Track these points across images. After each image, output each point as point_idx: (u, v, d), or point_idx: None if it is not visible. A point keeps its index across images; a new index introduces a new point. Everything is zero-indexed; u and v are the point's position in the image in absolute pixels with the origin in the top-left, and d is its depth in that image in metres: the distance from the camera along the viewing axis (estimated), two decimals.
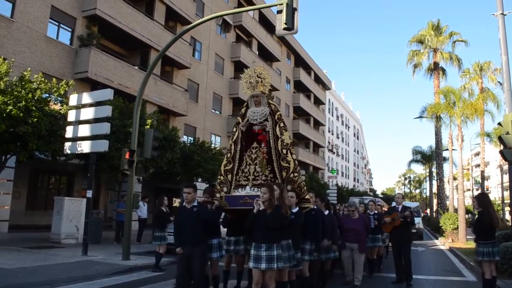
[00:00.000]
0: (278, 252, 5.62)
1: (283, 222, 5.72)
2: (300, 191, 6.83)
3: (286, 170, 6.97)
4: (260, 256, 5.61)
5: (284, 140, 7.12)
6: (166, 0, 25.11)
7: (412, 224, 9.43)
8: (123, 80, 21.41)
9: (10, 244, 12.90)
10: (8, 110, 10.98)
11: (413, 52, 33.70)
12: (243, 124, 7.45)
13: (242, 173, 7.23)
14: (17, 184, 17.94)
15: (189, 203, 6.25)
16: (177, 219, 6.53)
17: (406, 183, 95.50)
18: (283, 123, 7.30)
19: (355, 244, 8.02)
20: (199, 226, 6.11)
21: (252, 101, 7.56)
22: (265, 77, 7.52)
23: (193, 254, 6.05)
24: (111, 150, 13.28)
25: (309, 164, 48.12)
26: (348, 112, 73.85)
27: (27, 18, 17.94)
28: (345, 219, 8.53)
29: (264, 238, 5.66)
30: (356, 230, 8.05)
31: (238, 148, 7.41)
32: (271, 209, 5.71)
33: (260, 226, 5.70)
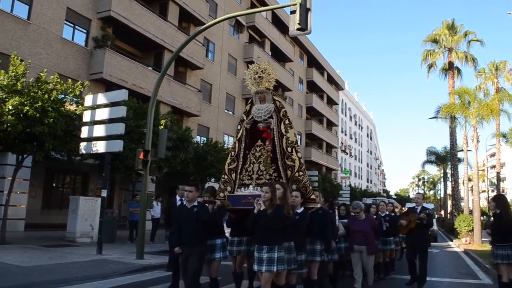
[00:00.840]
0: (280, 254, 5.44)
1: (285, 222, 5.52)
2: (306, 191, 6.59)
3: (291, 168, 6.74)
4: (261, 258, 5.46)
5: (289, 137, 6.88)
6: (180, 1, 25.27)
7: (429, 227, 8.83)
8: (137, 80, 21.60)
9: (26, 242, 13.10)
10: (25, 110, 11.15)
11: (427, 52, 33.38)
12: (247, 121, 7.24)
13: (246, 172, 7.03)
14: (33, 184, 18.21)
15: (190, 202, 6.15)
16: (176, 218, 6.42)
17: (420, 184, 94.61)
18: (288, 120, 7.09)
19: (363, 247, 7.65)
20: (198, 226, 5.99)
21: (256, 98, 7.32)
22: (270, 73, 7.30)
23: (191, 254, 5.95)
24: (126, 150, 13.40)
25: (322, 165, 47.98)
26: (362, 112, 73.46)
27: (43, 20, 18.21)
28: (351, 221, 8.14)
29: (265, 239, 5.51)
30: (363, 232, 7.69)
31: (242, 146, 7.19)
32: (272, 209, 5.53)
33: (261, 227, 5.54)
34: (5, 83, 11.49)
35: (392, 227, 9.57)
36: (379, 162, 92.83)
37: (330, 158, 51.44)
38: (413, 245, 8.79)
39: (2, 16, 16.68)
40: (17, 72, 11.70)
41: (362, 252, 7.67)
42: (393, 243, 10.04)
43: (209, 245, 6.31)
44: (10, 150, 12.48)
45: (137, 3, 22.11)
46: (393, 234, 9.91)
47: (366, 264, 7.70)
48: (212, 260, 6.43)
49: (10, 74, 11.64)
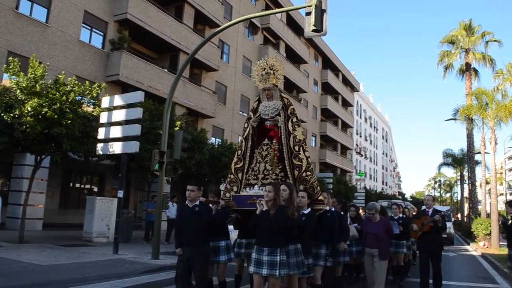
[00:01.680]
0: (282, 257, 5.14)
1: (288, 224, 5.24)
2: (313, 192, 6.33)
3: (298, 168, 6.47)
4: (261, 260, 5.17)
5: (296, 136, 6.59)
6: (195, 4, 25.43)
7: (443, 230, 8.38)
8: (153, 82, 21.79)
9: (44, 241, 13.30)
10: (44, 112, 11.34)
11: (444, 53, 33.02)
12: (254, 119, 6.98)
13: (252, 172, 6.77)
14: (51, 184, 18.49)
15: (192, 201, 5.91)
16: (178, 219, 6.22)
17: (436, 186, 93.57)
18: (296, 118, 6.77)
19: (375, 250, 7.23)
20: (200, 227, 5.74)
21: (263, 95, 7.04)
22: (277, 69, 6.99)
23: (193, 256, 5.69)
24: (141, 151, 13.52)
25: (337, 167, 47.78)
26: (377, 114, 72.97)
27: (61, 23, 18.50)
28: (365, 222, 7.79)
29: (266, 241, 5.23)
30: (376, 235, 7.27)
31: (249, 145, 6.94)
32: (275, 209, 5.26)
33: (262, 228, 5.28)
34: (24, 85, 11.71)
35: (406, 231, 9.15)
36: (394, 164, 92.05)
37: (345, 160, 51.19)
38: (426, 250, 8.28)
39: (21, 20, 17.00)
40: (36, 74, 11.90)
41: (374, 255, 7.25)
42: (405, 246, 9.66)
43: (212, 247, 6.11)
44: (29, 150, 12.68)
45: (153, 5, 22.33)
46: (406, 237, 9.54)
47: (378, 268, 7.21)
48: (217, 262, 6.24)
49: (29, 76, 11.85)
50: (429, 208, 8.43)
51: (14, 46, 16.57)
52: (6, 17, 16.39)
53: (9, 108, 11.39)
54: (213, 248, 6.13)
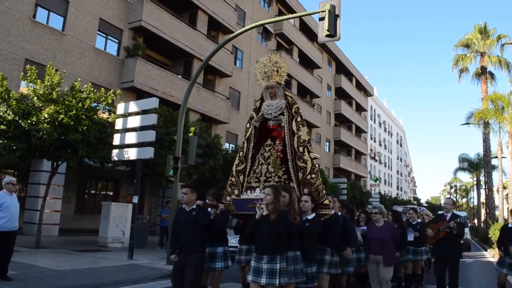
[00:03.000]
0: (282, 265, 4.82)
1: (290, 230, 4.92)
2: (318, 195, 5.92)
3: (302, 170, 6.06)
4: (260, 268, 4.84)
5: (301, 136, 6.21)
6: (208, 10, 25.60)
7: (461, 237, 7.77)
8: (167, 89, 21.96)
9: (60, 247, 13.44)
10: (60, 118, 11.50)
11: (459, 57, 32.77)
12: (256, 119, 6.57)
13: (254, 174, 6.36)
14: (67, 190, 18.69)
15: (188, 205, 5.64)
16: (174, 223, 5.93)
17: (452, 192, 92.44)
18: (300, 117, 6.41)
19: (380, 256, 6.79)
20: (197, 232, 5.45)
21: (267, 93, 6.71)
22: (281, 66, 6.62)
23: (187, 263, 5.36)
24: (156, 157, 13.61)
25: (351, 172, 47.51)
26: (391, 119, 72.43)
27: (77, 31, 18.78)
28: (370, 227, 7.32)
29: (266, 248, 4.90)
30: (380, 239, 6.82)
31: (251, 146, 6.56)
32: (276, 214, 4.92)
33: (262, 234, 4.95)
34: (41, 92, 11.90)
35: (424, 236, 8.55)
36: (409, 169, 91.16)
37: (359, 165, 50.88)
38: (442, 257, 7.76)
39: (38, 28, 17.30)
40: (53, 81, 12.09)
41: (379, 262, 6.84)
42: (425, 253, 9.16)
43: (209, 253, 5.87)
44: (46, 157, 12.86)
45: (167, 13, 22.54)
46: (423, 243, 8.93)
47: (383, 276, 6.80)
48: (212, 269, 5.94)
49: (46, 83, 12.04)
50: (447, 213, 7.85)
51: (31, 54, 16.86)
52: (23, 26, 16.70)
53: (27, 115, 11.58)
54: (210, 254, 5.89)
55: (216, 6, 26.06)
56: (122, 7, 21.04)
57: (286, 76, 6.90)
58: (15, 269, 8.55)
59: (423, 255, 9.09)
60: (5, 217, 7.67)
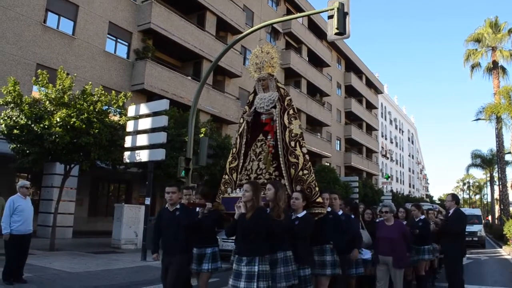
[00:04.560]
0: (262, 268, 4.39)
1: (274, 228, 4.57)
2: (310, 193, 5.53)
3: (294, 166, 5.68)
4: (240, 272, 4.45)
5: (292, 130, 5.83)
6: (217, 11, 25.65)
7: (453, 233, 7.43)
8: (177, 90, 22.04)
9: (74, 249, 13.56)
10: (72, 122, 11.61)
11: (470, 52, 32.43)
12: (248, 113, 6.26)
13: (245, 171, 6.04)
14: (80, 192, 18.85)
15: (172, 205, 5.46)
16: (156, 223, 5.76)
17: (465, 188, 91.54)
18: (293, 110, 6.03)
19: (389, 257, 6.43)
20: (180, 233, 5.25)
21: (259, 86, 6.30)
22: (273, 56, 6.24)
23: (171, 264, 5.22)
24: (167, 159, 13.66)
25: (362, 170, 47.28)
26: (402, 116, 71.96)
27: (87, 35, 18.93)
28: (379, 226, 6.94)
29: (244, 249, 4.52)
30: (390, 240, 6.45)
31: (244, 142, 6.23)
32: (252, 212, 4.56)
33: (240, 234, 4.62)
34: (53, 96, 12.01)
35: (425, 234, 8.10)
36: (421, 167, 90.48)
37: (370, 163, 50.62)
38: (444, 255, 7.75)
39: (49, 33, 17.47)
40: (64, 85, 12.20)
41: (388, 264, 6.47)
42: (428, 252, 8.27)
43: (198, 254, 5.61)
44: (58, 160, 12.97)
45: (176, 14, 22.63)
46: (428, 241, 8.29)
47: (394, 278, 6.43)
48: (199, 271, 5.64)
49: (58, 87, 12.16)
50: (449, 209, 7.74)
51: (42, 59, 17.04)
52: (34, 31, 16.88)
53: (39, 119, 11.69)
54: (198, 255, 5.63)
55: (224, 6, 26.11)
56: (131, 10, 21.16)
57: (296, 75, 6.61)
58: (30, 271, 8.65)
59: (426, 254, 8.18)
60: (19, 221, 7.77)
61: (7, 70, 15.59)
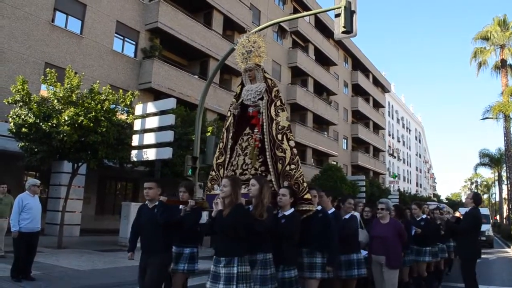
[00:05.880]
0: (242, 269, 4.11)
1: (255, 227, 4.28)
2: (298, 189, 5.16)
3: (281, 161, 5.34)
4: (218, 274, 4.17)
5: (279, 122, 5.49)
6: (223, 10, 25.66)
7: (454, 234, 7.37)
8: (184, 89, 22.09)
9: (82, 247, 13.62)
10: (80, 120, 11.67)
11: (477, 50, 32.19)
12: (234, 106, 5.93)
13: (231, 166, 5.70)
14: (87, 190, 18.95)
15: (151, 201, 5.24)
16: (136, 220, 5.50)
17: (472, 188, 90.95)
18: (280, 101, 5.71)
19: (382, 257, 6.14)
20: (157, 231, 5.00)
21: (246, 77, 5.98)
22: (260, 45, 5.92)
23: (149, 264, 4.98)
24: (174, 157, 13.70)
25: (369, 169, 47.14)
26: (409, 114, 71.63)
27: (94, 34, 19.02)
28: (373, 224, 6.61)
29: (222, 249, 4.24)
30: (384, 239, 6.14)
31: (230, 136, 5.88)
32: (229, 209, 4.27)
33: (217, 233, 4.35)
34: (61, 95, 12.09)
35: (428, 234, 7.76)
36: (428, 166, 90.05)
37: (377, 162, 50.44)
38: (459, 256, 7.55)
39: (57, 32, 17.57)
40: (72, 84, 12.27)
41: (382, 264, 6.18)
42: (430, 254, 7.90)
43: (176, 253, 5.33)
44: (66, 158, 13.05)
45: (183, 13, 22.68)
46: (430, 242, 7.95)
47: (387, 280, 6.11)
48: (174, 272, 5.33)
49: (66, 86, 12.23)
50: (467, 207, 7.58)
51: (50, 58, 17.14)
52: (42, 30, 16.99)
53: (47, 118, 11.77)
54: (176, 255, 5.34)
55: (231, 5, 26.12)
56: (139, 9, 21.23)
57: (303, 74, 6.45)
58: (38, 269, 8.71)
59: (427, 256, 7.83)
60: (28, 219, 7.82)
61: (15, 69, 15.71)
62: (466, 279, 7.09)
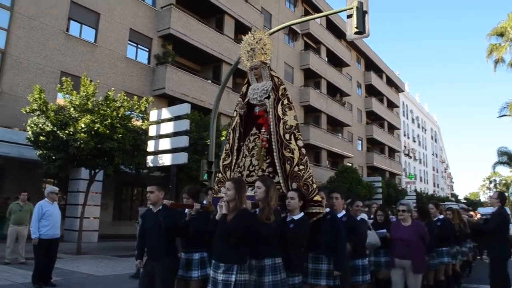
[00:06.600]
0: (240, 277, 3.96)
1: (262, 232, 4.09)
2: (307, 190, 4.92)
3: (289, 161, 5.08)
4: (216, 280, 4.02)
5: (287, 121, 5.25)
6: (235, 14, 25.77)
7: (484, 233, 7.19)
8: (198, 94, 22.22)
9: (100, 252, 13.76)
10: (96, 127, 11.83)
11: (492, 46, 31.74)
12: (240, 105, 5.72)
13: (237, 168, 5.47)
14: (105, 197, 19.14)
15: (154, 205, 5.12)
16: (140, 226, 5.37)
17: (491, 187, 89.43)
18: (287, 99, 5.49)
19: (407, 261, 5.90)
20: (164, 236, 4.85)
21: (251, 76, 5.80)
22: (265, 43, 5.77)
23: (155, 272, 4.82)
24: (190, 162, 13.76)
25: (385, 170, 46.74)
26: (424, 114, 70.92)
27: (108, 42, 19.27)
28: (394, 226, 6.36)
29: (222, 255, 4.05)
30: (407, 242, 5.93)
31: (237, 136, 5.66)
32: (234, 214, 4.10)
33: (218, 237, 4.11)
34: (77, 103, 12.27)
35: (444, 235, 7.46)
36: (445, 165, 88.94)
37: (393, 162, 50.00)
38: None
39: (72, 41, 17.84)
40: (88, 92, 12.45)
41: (405, 268, 5.95)
42: (447, 255, 7.55)
43: (185, 260, 5.09)
44: (83, 165, 13.22)
45: (194, 19, 22.84)
46: (447, 243, 7.64)
47: (411, 285, 5.92)
48: (188, 279, 5.03)
49: (82, 94, 12.42)
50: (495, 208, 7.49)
51: (66, 67, 17.40)
52: (58, 40, 17.26)
53: (64, 126, 11.95)
54: (186, 261, 5.09)
55: (242, 9, 26.22)
56: (151, 16, 21.45)
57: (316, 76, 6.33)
58: (59, 275, 8.82)
59: (445, 257, 7.50)
60: (47, 225, 7.94)
61: (32, 79, 15.98)
62: (496, 279, 6.96)
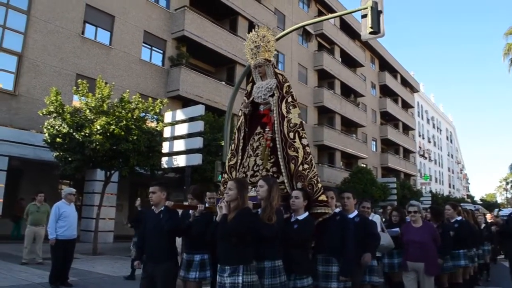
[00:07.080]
0: (248, 278, 3.84)
1: (263, 233, 4.01)
2: (312, 190, 4.79)
3: (294, 161, 4.96)
4: (223, 284, 3.92)
5: (291, 119, 5.13)
6: (248, 16, 25.80)
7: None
8: (212, 95, 22.28)
9: (115, 253, 13.87)
10: (111, 129, 11.95)
11: (509, 45, 31.29)
12: (245, 104, 5.59)
13: (242, 168, 5.38)
14: (120, 198, 19.30)
15: (156, 206, 5.01)
16: (142, 227, 5.26)
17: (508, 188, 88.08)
18: (292, 97, 5.32)
19: (421, 264, 5.77)
20: (164, 238, 4.76)
21: (256, 74, 5.66)
22: (269, 40, 5.63)
23: (156, 274, 4.71)
24: (204, 163, 13.79)
25: (400, 171, 46.31)
26: (439, 114, 70.15)
27: (123, 44, 19.44)
28: (406, 228, 6.23)
29: (226, 257, 3.95)
30: (419, 244, 5.80)
31: (242, 136, 5.55)
32: (234, 214, 4.01)
33: (221, 239, 4.03)
34: (93, 105, 12.41)
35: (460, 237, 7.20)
36: (461, 166, 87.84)
37: (408, 163, 49.53)
38: None
39: (87, 44, 18.04)
40: (103, 94, 12.58)
41: (419, 271, 5.84)
42: (464, 257, 7.32)
43: (186, 261, 5.05)
44: (99, 166, 13.35)
45: (208, 21, 22.92)
46: (467, 245, 7.46)
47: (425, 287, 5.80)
48: (186, 280, 4.98)
49: (97, 96, 12.55)
50: None
51: (81, 69, 17.60)
52: (73, 42, 17.47)
53: (80, 128, 12.09)
54: (187, 262, 5.06)
55: (255, 11, 26.25)
56: (165, 18, 21.58)
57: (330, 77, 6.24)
58: (75, 275, 8.91)
59: (462, 259, 7.26)
60: (64, 226, 8.04)
61: (48, 81, 16.19)
62: None
